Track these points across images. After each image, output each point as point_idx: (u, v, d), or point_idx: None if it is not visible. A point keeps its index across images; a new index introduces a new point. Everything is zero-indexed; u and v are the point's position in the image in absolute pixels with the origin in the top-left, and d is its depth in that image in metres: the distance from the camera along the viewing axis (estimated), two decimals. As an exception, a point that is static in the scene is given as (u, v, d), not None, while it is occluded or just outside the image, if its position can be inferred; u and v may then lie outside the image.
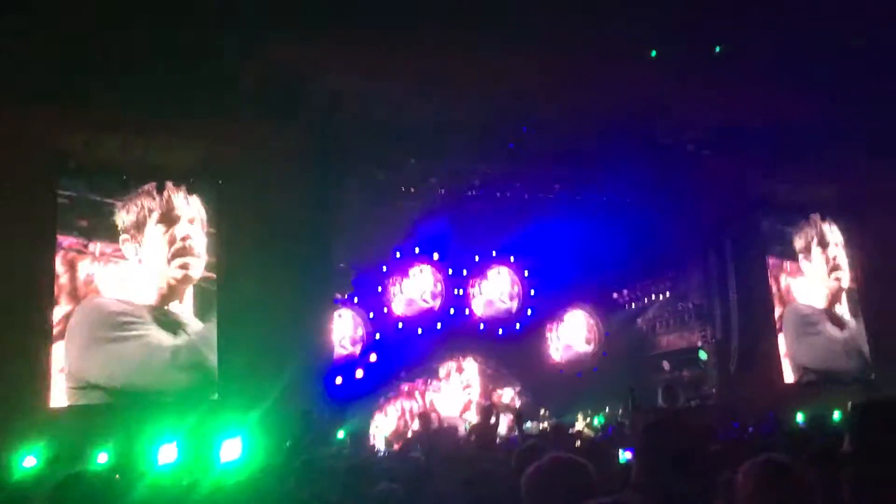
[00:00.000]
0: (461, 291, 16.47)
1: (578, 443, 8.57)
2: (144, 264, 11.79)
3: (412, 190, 14.33)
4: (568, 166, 14.39)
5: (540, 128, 12.97)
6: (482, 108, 12.40)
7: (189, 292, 11.94)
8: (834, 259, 16.13)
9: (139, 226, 11.91)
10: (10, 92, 10.58)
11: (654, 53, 12.56)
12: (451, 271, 16.38)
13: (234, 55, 10.90)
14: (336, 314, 14.17)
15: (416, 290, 16.13)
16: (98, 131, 11.57)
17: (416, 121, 12.59)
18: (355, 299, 15.23)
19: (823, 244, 16.12)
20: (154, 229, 11.97)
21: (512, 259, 16.98)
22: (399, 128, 12.70)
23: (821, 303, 15.84)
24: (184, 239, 12.08)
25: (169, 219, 12.08)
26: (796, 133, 13.62)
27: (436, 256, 16.22)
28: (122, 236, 11.72)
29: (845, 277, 16.11)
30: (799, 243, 15.97)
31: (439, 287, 16.31)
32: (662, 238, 15.26)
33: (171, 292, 11.82)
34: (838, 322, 15.84)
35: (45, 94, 10.72)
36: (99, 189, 11.71)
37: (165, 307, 11.72)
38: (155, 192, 12.04)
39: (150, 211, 12.00)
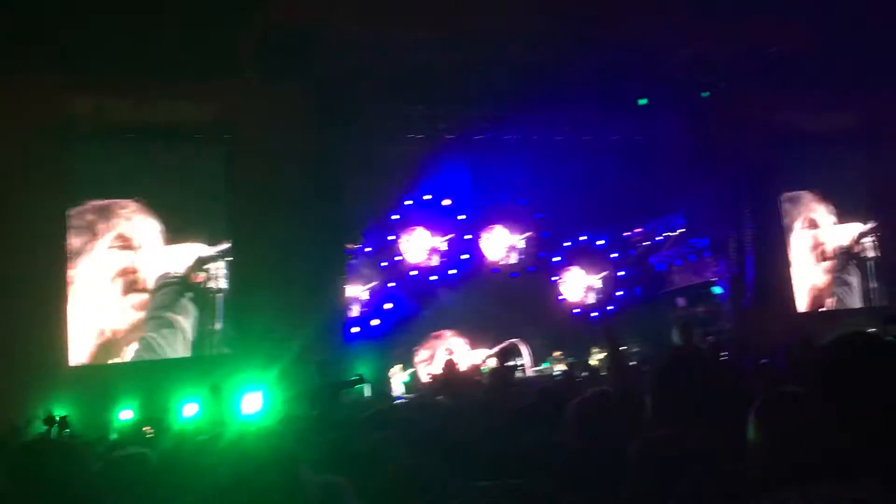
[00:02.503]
0: (471, 237, 16.43)
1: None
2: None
3: (420, 137, 14.20)
4: (577, 107, 14.20)
5: (548, 68, 12.75)
6: (489, 50, 12.19)
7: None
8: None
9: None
10: (19, 58, 10.52)
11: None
12: (462, 217, 16.32)
13: (241, 9, 10.76)
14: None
15: (426, 237, 16.10)
16: (107, 95, 11.52)
17: (421, 67, 12.42)
18: (367, 249, 15.23)
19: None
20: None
21: (522, 202, 16.88)
22: (405, 75, 12.54)
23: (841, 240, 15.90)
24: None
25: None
26: (812, 64, 13.34)
27: (446, 202, 16.14)
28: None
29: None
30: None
31: (451, 233, 16.26)
32: (675, 174, 15.10)
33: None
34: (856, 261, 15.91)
35: (53, 60, 10.66)
36: (109, 152, 11.70)
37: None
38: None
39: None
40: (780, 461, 2.06)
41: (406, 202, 15.78)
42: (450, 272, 16.02)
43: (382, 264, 15.49)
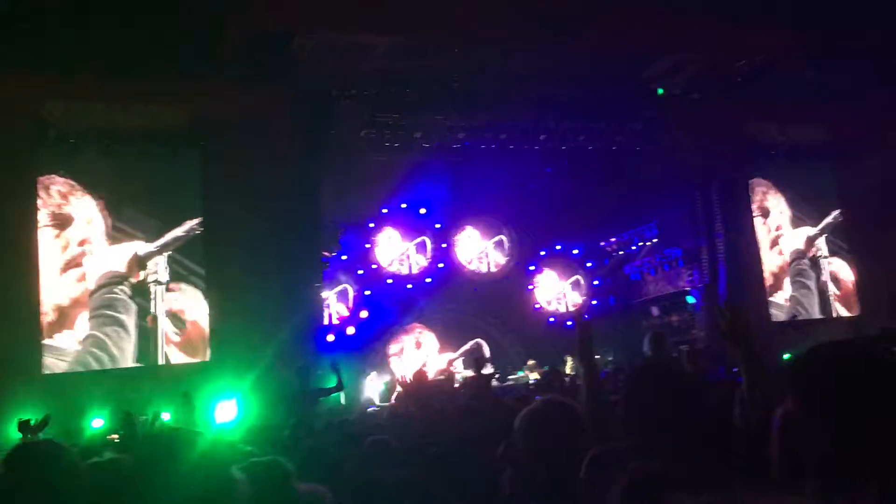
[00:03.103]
0: (447, 245, 16.48)
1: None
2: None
3: (397, 145, 14.21)
4: (553, 116, 14.30)
5: (525, 77, 12.83)
6: (465, 59, 12.25)
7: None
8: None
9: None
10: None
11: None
12: (438, 225, 16.36)
13: (216, 13, 10.70)
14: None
15: (403, 245, 16.12)
16: (79, 98, 11.40)
17: (398, 75, 12.45)
18: (343, 257, 15.20)
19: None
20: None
21: (499, 211, 16.95)
22: (382, 83, 12.56)
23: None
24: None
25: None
26: (785, 74, 13.53)
27: (422, 211, 16.18)
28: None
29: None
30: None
31: (426, 241, 16.30)
32: (649, 184, 15.26)
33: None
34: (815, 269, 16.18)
35: (23, 61, 10.53)
36: (82, 157, 11.58)
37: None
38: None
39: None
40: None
41: (383, 210, 15.80)
42: (426, 280, 16.05)
43: (359, 272, 15.48)
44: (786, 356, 12.44)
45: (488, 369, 10.29)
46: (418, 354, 15.74)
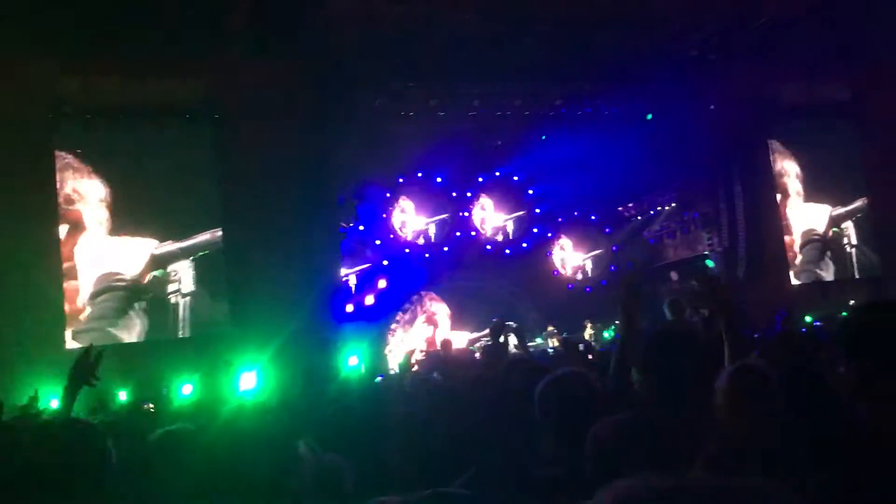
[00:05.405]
0: (466, 213, 16.45)
1: (591, 356, 8.63)
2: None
3: (412, 114, 14.15)
4: (568, 81, 14.16)
5: (539, 42, 12.69)
6: (480, 26, 12.12)
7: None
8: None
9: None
10: (4, 38, 10.41)
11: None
12: (454, 194, 16.32)
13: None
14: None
15: (420, 214, 16.11)
16: (94, 74, 11.41)
17: (412, 44, 12.34)
18: (360, 227, 15.22)
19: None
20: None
21: (515, 178, 16.88)
22: (396, 52, 12.47)
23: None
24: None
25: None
26: (802, 33, 13.29)
27: (438, 180, 16.13)
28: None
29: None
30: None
31: (443, 210, 16.28)
32: (667, 148, 15.09)
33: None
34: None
35: (39, 39, 10.55)
36: (98, 132, 11.62)
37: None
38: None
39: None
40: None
41: (399, 180, 15.77)
42: (443, 249, 16.05)
43: (376, 242, 15.50)
44: (807, 318, 12.38)
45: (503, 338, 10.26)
46: (428, 330, 15.78)
